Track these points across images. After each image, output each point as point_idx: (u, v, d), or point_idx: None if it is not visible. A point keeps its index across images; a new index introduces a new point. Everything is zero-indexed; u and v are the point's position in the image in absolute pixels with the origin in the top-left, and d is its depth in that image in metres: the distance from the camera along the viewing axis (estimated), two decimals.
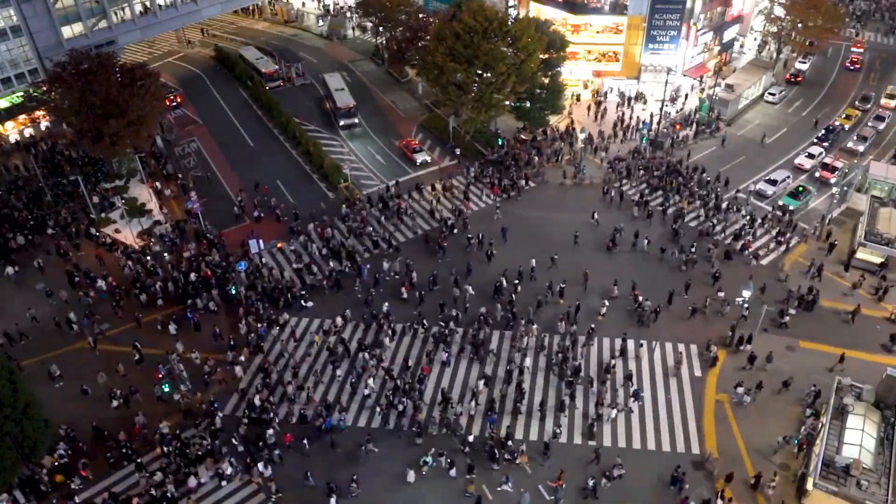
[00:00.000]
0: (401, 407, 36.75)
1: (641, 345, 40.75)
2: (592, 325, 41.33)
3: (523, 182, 54.82)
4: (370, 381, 38.07)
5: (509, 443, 34.61)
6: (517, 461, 34.03)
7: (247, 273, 45.68)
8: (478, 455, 34.51)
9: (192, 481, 33.13)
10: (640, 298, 42.75)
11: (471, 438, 35.03)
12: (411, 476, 33.20)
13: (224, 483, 33.57)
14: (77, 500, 32.74)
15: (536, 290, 44.20)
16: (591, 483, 32.53)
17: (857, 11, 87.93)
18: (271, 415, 36.55)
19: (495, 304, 42.98)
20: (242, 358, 39.97)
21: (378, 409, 37.10)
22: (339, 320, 42.42)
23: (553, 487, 32.48)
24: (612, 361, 39.55)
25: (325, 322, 42.94)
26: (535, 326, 41.18)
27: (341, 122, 63.38)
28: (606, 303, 42.80)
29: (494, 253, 47.21)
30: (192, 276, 44.54)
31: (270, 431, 35.46)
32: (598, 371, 39.36)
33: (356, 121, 63.46)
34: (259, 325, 42.23)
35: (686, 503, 32.29)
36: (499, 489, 33.06)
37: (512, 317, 42.07)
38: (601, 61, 67.86)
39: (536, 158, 57.43)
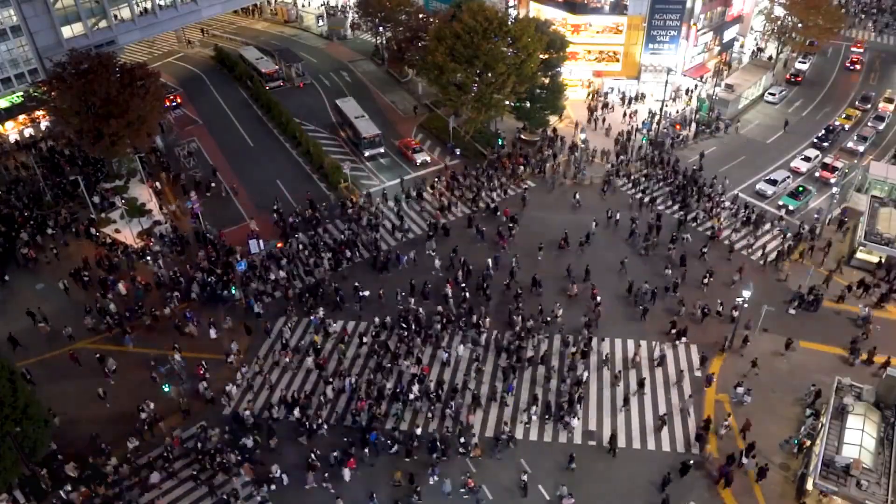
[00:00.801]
0: (448, 411, 36.61)
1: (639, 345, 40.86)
2: (547, 318, 41.73)
3: (496, 194, 53.82)
4: (414, 388, 37.50)
5: (461, 439, 34.83)
6: (471, 454, 34.36)
7: (287, 266, 46.13)
8: (421, 448, 34.75)
9: (154, 476, 33.22)
10: (646, 286, 43.24)
11: (418, 431, 35.22)
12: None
13: (273, 487, 33.07)
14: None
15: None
16: (524, 478, 32.81)
17: (867, 10, 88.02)
18: (320, 421, 36.03)
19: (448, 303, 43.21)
20: (287, 359, 39.96)
21: (430, 414, 36.71)
22: (376, 320, 42.07)
23: (469, 488, 32.62)
24: (573, 349, 39.99)
25: (360, 324, 42.66)
26: (488, 320, 41.81)
27: (366, 153, 58.23)
28: (559, 304, 42.62)
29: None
30: (212, 278, 44.70)
31: (248, 413, 35.96)
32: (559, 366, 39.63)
33: (382, 150, 58.94)
34: (312, 317, 42.51)
35: (725, 469, 32.76)
36: (430, 481, 33.22)
37: (467, 312, 42.32)
38: (601, 61, 67.95)
39: (522, 168, 56.40)
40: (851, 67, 74.29)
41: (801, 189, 53.30)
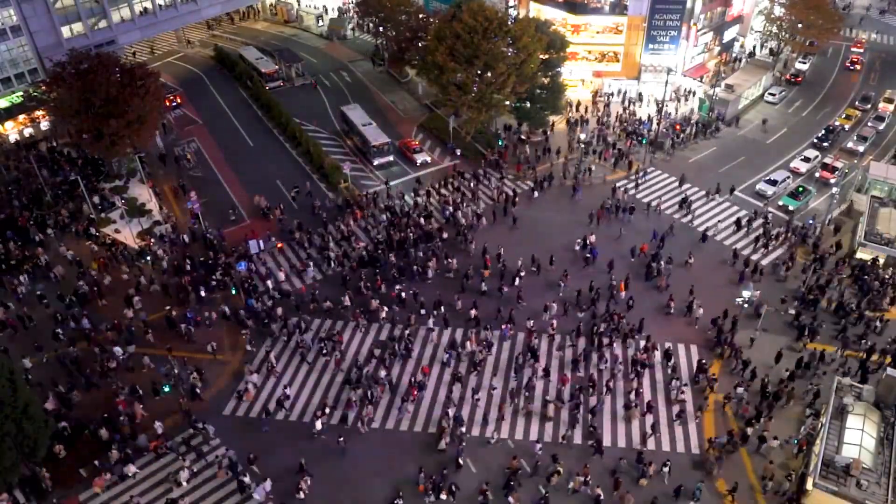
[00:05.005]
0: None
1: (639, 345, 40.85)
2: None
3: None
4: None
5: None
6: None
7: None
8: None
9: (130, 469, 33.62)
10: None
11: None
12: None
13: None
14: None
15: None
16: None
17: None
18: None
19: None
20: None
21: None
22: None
23: None
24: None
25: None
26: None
27: (376, 162, 57.16)
28: (510, 325, 42.08)
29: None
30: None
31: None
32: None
33: (392, 158, 58.07)
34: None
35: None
36: None
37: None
38: (601, 61, 67.95)
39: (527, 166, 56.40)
40: (851, 67, 74.31)
41: (801, 189, 53.32)
